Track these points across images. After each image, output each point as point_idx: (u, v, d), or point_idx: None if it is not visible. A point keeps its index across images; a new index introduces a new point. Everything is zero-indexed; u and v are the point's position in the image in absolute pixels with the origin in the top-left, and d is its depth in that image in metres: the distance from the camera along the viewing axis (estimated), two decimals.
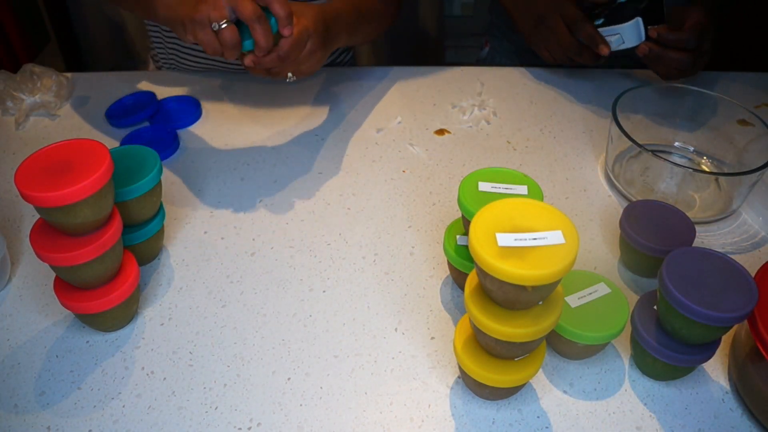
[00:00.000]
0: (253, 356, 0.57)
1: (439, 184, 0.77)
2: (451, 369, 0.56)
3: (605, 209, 0.74)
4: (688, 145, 0.83)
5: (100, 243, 0.52)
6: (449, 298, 0.63)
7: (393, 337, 0.59)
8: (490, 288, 0.45)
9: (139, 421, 0.52)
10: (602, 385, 0.55)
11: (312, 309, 0.61)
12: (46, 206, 0.49)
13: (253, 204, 0.73)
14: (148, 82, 0.93)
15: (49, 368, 0.56)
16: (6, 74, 0.87)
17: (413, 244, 0.68)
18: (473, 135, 0.85)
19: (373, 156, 0.81)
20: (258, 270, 0.65)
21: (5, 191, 0.75)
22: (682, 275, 0.50)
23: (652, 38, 0.84)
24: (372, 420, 0.52)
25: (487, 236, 0.44)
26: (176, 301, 0.62)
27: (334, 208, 0.73)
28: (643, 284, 0.65)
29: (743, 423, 0.53)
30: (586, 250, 0.68)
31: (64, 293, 0.56)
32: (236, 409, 0.53)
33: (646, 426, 0.52)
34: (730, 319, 0.48)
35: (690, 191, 0.74)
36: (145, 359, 0.57)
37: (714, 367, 0.57)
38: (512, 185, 0.57)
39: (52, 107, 0.86)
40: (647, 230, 0.62)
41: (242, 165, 0.79)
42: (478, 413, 0.53)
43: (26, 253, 0.67)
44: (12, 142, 0.82)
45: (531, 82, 0.97)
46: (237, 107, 0.89)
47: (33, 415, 0.52)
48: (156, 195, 0.62)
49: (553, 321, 0.47)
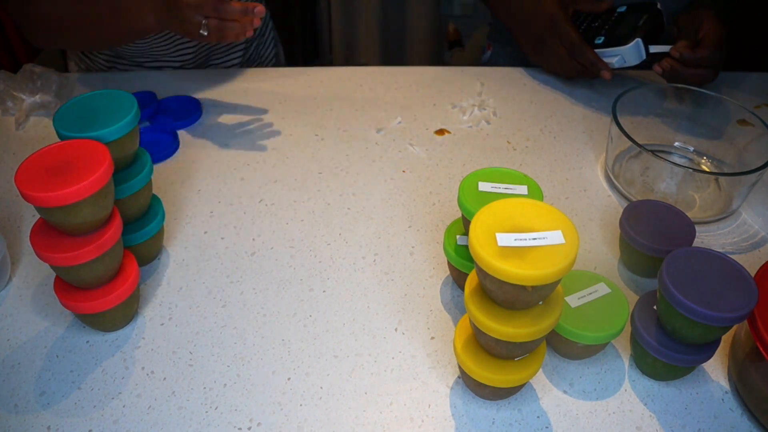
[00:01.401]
0: (253, 356, 0.57)
1: (439, 184, 0.77)
2: (451, 369, 0.56)
3: (605, 209, 0.74)
4: (688, 145, 0.83)
5: (100, 243, 0.52)
6: (449, 298, 0.63)
7: (393, 337, 0.59)
8: (490, 288, 0.45)
9: (139, 421, 0.52)
10: (602, 385, 0.55)
11: (312, 309, 0.61)
12: (46, 206, 0.49)
13: (253, 204, 0.73)
14: (148, 82, 0.93)
15: (50, 368, 0.56)
16: (6, 74, 0.87)
17: (413, 244, 0.68)
18: (473, 135, 0.85)
19: (373, 156, 0.81)
20: (258, 270, 0.65)
21: (5, 191, 0.75)
22: (682, 275, 0.50)
23: (674, 57, 0.83)
24: (372, 420, 0.52)
25: (487, 236, 0.44)
26: (176, 301, 0.62)
27: (334, 208, 0.73)
28: (643, 284, 0.65)
29: (743, 423, 0.53)
30: (586, 250, 0.68)
31: (64, 293, 0.56)
32: (236, 409, 0.53)
33: (646, 426, 0.52)
34: (730, 319, 0.48)
35: (690, 191, 0.74)
36: (145, 359, 0.57)
37: (714, 367, 0.57)
38: (512, 185, 0.57)
39: (52, 107, 0.86)
40: (647, 230, 0.62)
41: (242, 165, 0.79)
42: (478, 413, 0.53)
43: (26, 253, 0.67)
44: (12, 142, 0.82)
45: (531, 82, 0.97)
46: (237, 107, 0.89)
47: (33, 415, 0.52)
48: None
49: (553, 321, 0.47)
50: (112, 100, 0.58)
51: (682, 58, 0.82)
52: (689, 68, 0.83)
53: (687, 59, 0.82)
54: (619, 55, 0.84)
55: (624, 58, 0.84)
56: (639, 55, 0.84)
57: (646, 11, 0.86)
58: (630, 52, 0.83)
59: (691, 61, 0.82)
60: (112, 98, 0.58)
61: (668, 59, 0.83)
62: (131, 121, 0.56)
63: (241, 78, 0.95)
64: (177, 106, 0.88)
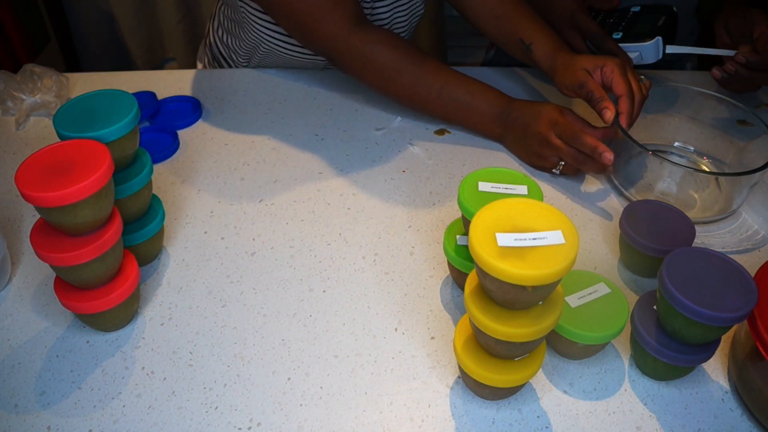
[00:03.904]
0: (253, 356, 0.57)
1: (439, 184, 0.77)
2: (451, 369, 0.56)
3: (605, 209, 0.74)
4: (688, 145, 0.83)
5: (100, 243, 0.52)
6: (449, 298, 0.63)
7: (393, 337, 0.59)
8: (490, 288, 0.45)
9: (139, 421, 0.52)
10: (602, 385, 0.55)
11: (312, 309, 0.61)
12: (47, 206, 0.49)
13: (253, 204, 0.73)
14: (148, 82, 0.93)
15: (50, 368, 0.56)
16: (6, 74, 0.87)
17: (413, 244, 0.68)
18: (473, 135, 0.85)
19: (373, 156, 0.81)
20: (258, 270, 0.65)
21: (5, 191, 0.75)
22: (682, 275, 0.50)
23: (739, 62, 0.82)
24: (372, 420, 0.52)
25: (487, 236, 0.44)
26: (176, 301, 0.62)
27: (334, 208, 0.73)
28: (643, 284, 0.65)
29: (743, 423, 0.53)
30: (586, 250, 0.68)
31: (64, 293, 0.56)
32: (236, 409, 0.53)
33: (646, 426, 0.52)
34: (730, 319, 0.48)
35: (690, 191, 0.74)
36: (145, 359, 0.57)
37: (714, 367, 0.57)
38: (512, 185, 0.57)
39: (52, 107, 0.86)
40: (647, 230, 0.62)
41: (242, 165, 0.79)
42: (478, 413, 0.53)
43: (26, 253, 0.67)
44: (12, 142, 0.82)
45: (531, 82, 0.97)
46: (237, 107, 0.89)
47: (33, 414, 0.52)
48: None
49: (553, 321, 0.47)
50: (112, 100, 0.58)
51: (748, 63, 0.81)
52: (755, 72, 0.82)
53: (752, 63, 0.81)
54: (638, 52, 0.85)
55: (642, 55, 0.85)
56: (657, 54, 0.84)
57: (664, 13, 0.88)
58: (649, 49, 0.84)
59: (755, 65, 0.82)
60: (112, 98, 0.58)
61: (732, 63, 0.83)
62: (131, 121, 0.56)
63: (241, 78, 0.95)
64: (177, 106, 0.88)
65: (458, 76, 0.80)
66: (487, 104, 0.80)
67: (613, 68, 0.74)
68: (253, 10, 0.85)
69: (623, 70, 0.74)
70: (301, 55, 0.90)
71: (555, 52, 0.81)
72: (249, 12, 0.85)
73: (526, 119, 0.77)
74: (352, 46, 0.78)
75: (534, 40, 0.83)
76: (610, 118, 0.72)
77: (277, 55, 0.91)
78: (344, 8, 0.77)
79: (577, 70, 0.76)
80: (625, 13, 0.91)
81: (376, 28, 0.80)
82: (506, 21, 0.86)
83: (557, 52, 0.81)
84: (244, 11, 0.86)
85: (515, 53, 0.87)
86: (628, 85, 0.73)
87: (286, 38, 0.87)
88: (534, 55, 0.83)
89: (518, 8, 0.86)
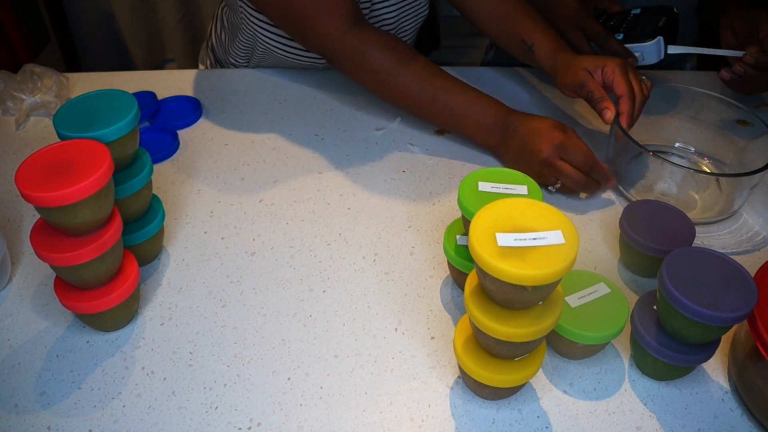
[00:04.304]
0: (253, 356, 0.57)
1: (439, 184, 0.77)
2: (451, 369, 0.56)
3: (605, 209, 0.74)
4: (689, 146, 0.83)
5: (100, 243, 0.52)
6: (449, 298, 0.63)
7: (393, 337, 0.59)
8: (490, 288, 0.45)
9: (139, 421, 0.52)
10: (602, 385, 0.55)
11: (312, 309, 0.61)
12: (47, 206, 0.49)
13: (253, 204, 0.73)
14: (148, 82, 0.93)
15: (50, 368, 0.56)
16: (6, 74, 0.87)
17: (413, 244, 0.68)
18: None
19: (373, 156, 0.81)
20: (258, 270, 0.65)
21: (5, 191, 0.75)
22: (682, 275, 0.50)
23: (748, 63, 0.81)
24: (372, 420, 0.52)
25: (487, 236, 0.44)
26: (176, 301, 0.62)
27: (334, 208, 0.73)
28: (643, 284, 0.65)
29: (743, 423, 0.53)
30: (586, 250, 0.68)
31: (64, 293, 0.56)
32: (236, 409, 0.53)
33: (646, 426, 0.52)
34: (730, 319, 0.48)
35: (691, 192, 0.74)
36: (145, 359, 0.57)
37: (714, 367, 0.57)
38: (512, 185, 0.57)
39: (52, 107, 0.86)
40: (647, 230, 0.62)
41: (242, 165, 0.79)
42: (478, 413, 0.53)
43: (26, 253, 0.67)
44: (12, 142, 0.82)
45: (531, 82, 0.97)
46: (237, 107, 0.89)
47: (33, 414, 0.52)
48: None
49: (553, 321, 0.47)
50: (112, 100, 0.58)
51: (757, 64, 0.81)
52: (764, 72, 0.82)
53: (761, 64, 0.81)
54: (639, 52, 0.85)
55: (644, 55, 0.85)
56: (658, 54, 0.85)
57: (664, 14, 0.88)
58: (651, 49, 0.84)
59: (764, 65, 0.81)
60: (112, 98, 0.58)
61: (741, 64, 0.82)
62: (131, 121, 0.56)
63: (241, 78, 0.95)
64: (177, 106, 0.88)
65: (454, 83, 0.79)
66: (483, 114, 0.78)
67: (614, 68, 0.74)
68: (251, 10, 0.85)
69: (624, 70, 0.74)
70: (298, 56, 0.90)
71: (556, 53, 0.81)
72: (247, 12, 0.85)
73: (524, 134, 0.75)
74: (348, 47, 0.78)
75: (536, 40, 0.83)
76: (611, 119, 0.72)
77: (274, 56, 0.91)
78: (341, 8, 0.76)
79: (578, 70, 0.76)
80: (626, 15, 0.91)
81: (373, 29, 0.80)
82: (508, 21, 0.86)
83: (559, 53, 0.80)
84: (243, 11, 0.86)
85: (517, 53, 0.87)
86: (629, 85, 0.73)
87: (284, 39, 0.87)
88: (536, 55, 0.83)
89: (519, 8, 0.86)
